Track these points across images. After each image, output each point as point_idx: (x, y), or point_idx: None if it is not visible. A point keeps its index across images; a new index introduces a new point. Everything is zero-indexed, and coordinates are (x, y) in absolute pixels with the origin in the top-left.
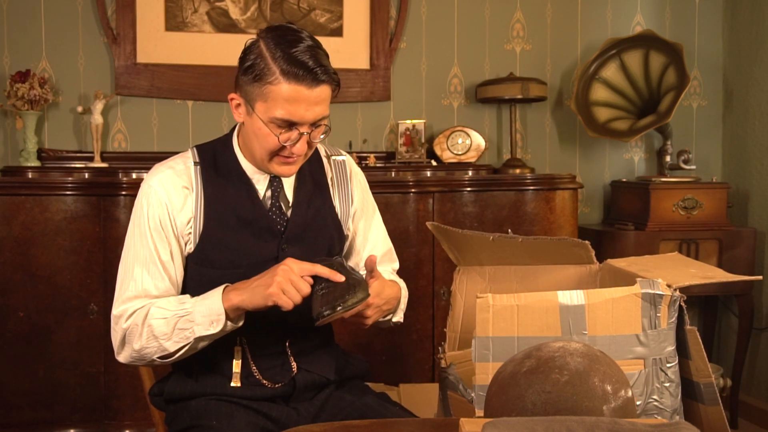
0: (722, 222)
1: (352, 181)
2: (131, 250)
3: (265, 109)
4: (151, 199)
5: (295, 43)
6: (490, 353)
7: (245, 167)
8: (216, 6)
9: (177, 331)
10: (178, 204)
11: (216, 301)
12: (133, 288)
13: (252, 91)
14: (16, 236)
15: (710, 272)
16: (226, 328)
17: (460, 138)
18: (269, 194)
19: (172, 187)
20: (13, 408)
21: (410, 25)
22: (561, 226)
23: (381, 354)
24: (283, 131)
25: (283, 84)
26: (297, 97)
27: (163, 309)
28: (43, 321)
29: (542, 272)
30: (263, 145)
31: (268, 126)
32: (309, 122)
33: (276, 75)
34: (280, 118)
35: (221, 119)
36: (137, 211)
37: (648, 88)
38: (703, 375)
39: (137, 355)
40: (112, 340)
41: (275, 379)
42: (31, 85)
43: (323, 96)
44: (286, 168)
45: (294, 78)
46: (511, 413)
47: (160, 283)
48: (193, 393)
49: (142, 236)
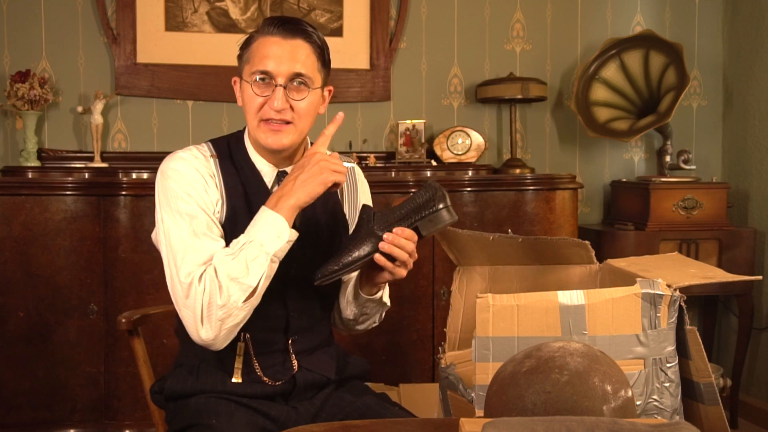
0: (722, 222)
1: (360, 190)
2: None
3: (248, 69)
4: (184, 180)
5: (281, 17)
6: (490, 353)
7: (255, 159)
8: (216, 6)
9: (251, 263)
10: (207, 184)
11: (271, 216)
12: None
13: (242, 62)
14: (16, 236)
15: (710, 272)
16: (292, 237)
17: (460, 138)
18: (276, 188)
19: (199, 172)
20: (13, 408)
21: (410, 25)
22: (561, 226)
23: (381, 354)
24: (262, 85)
25: (260, 39)
26: (271, 48)
27: (225, 255)
28: (43, 321)
29: (542, 272)
30: (249, 110)
31: (251, 86)
32: (284, 74)
33: (255, 36)
34: (257, 70)
35: (221, 119)
36: (169, 194)
37: (648, 88)
38: (703, 375)
39: (224, 313)
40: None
41: (276, 377)
42: (31, 85)
43: (300, 52)
44: (273, 137)
45: (268, 32)
46: (511, 413)
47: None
48: (193, 390)
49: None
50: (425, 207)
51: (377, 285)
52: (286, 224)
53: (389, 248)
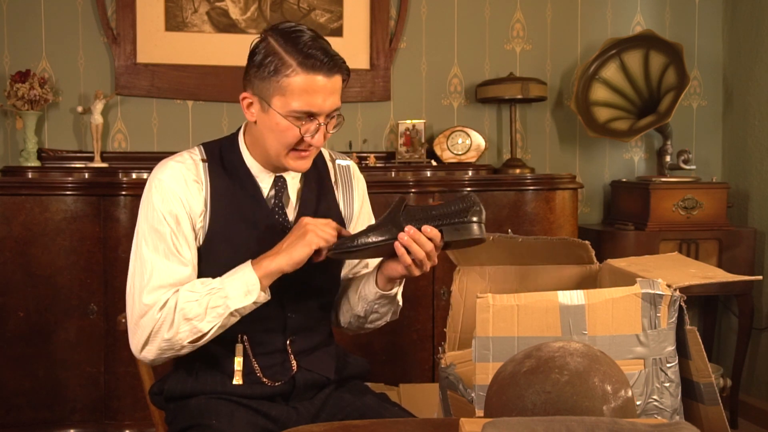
0: (722, 222)
1: (355, 187)
2: (147, 245)
3: (284, 102)
4: (165, 194)
5: (300, 34)
6: (490, 353)
7: (250, 166)
8: (216, 6)
9: (210, 310)
10: (191, 196)
11: (248, 273)
12: (158, 278)
13: (267, 87)
14: (16, 236)
15: (710, 272)
16: (259, 299)
17: (460, 138)
18: (273, 194)
19: (184, 181)
20: (13, 408)
21: (410, 25)
22: (561, 226)
23: (381, 354)
24: (303, 123)
25: (301, 75)
26: (315, 87)
27: (192, 292)
28: (43, 321)
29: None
30: (281, 141)
31: (287, 119)
32: (326, 112)
33: (293, 67)
34: (300, 110)
35: (221, 119)
36: (149, 207)
37: (648, 88)
38: (703, 375)
39: (167, 345)
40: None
41: (275, 378)
42: (31, 85)
43: (337, 86)
44: (301, 162)
45: (311, 68)
46: (511, 413)
47: (184, 270)
48: (193, 391)
49: (158, 231)
50: (457, 215)
51: (392, 279)
52: (258, 286)
53: (407, 241)
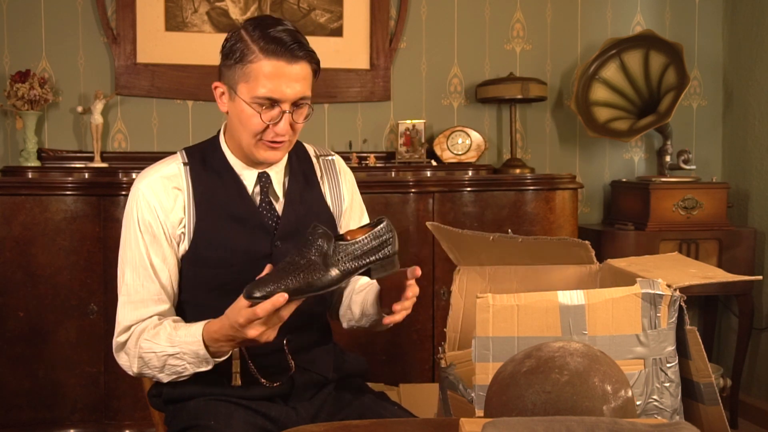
0: (722, 222)
1: (342, 180)
2: (124, 253)
3: (248, 89)
4: (140, 203)
5: (274, 24)
6: (490, 353)
7: (233, 163)
8: (216, 6)
9: (168, 367)
10: (168, 205)
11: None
12: (125, 292)
13: (234, 74)
14: (16, 236)
15: (710, 272)
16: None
17: (460, 138)
18: (258, 190)
19: (162, 189)
20: (13, 408)
21: (410, 25)
22: (561, 226)
23: (381, 354)
24: (266, 110)
25: (263, 61)
26: (277, 73)
27: (152, 343)
28: (43, 321)
29: (542, 272)
30: (247, 128)
31: (251, 107)
32: (290, 99)
33: (256, 53)
34: (262, 96)
35: (221, 119)
36: (127, 215)
37: (648, 88)
38: (703, 375)
39: (138, 371)
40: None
41: (273, 378)
42: (31, 85)
43: (303, 74)
44: (271, 153)
45: (273, 54)
46: (511, 413)
47: (150, 285)
48: (191, 394)
49: (133, 240)
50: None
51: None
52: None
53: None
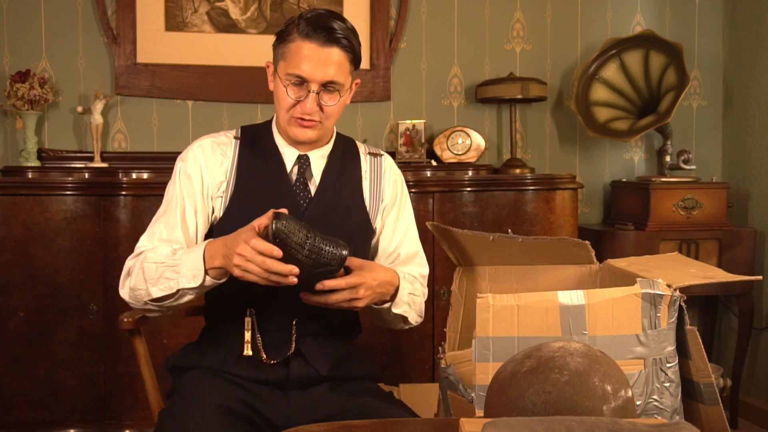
0: (722, 222)
1: (386, 178)
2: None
3: (284, 66)
4: (188, 161)
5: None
6: (490, 353)
7: (279, 144)
8: (216, 6)
9: (163, 280)
10: (214, 165)
11: (198, 258)
12: (150, 231)
13: (277, 53)
14: (16, 236)
15: (710, 272)
16: (206, 284)
17: (460, 138)
18: (296, 170)
19: (210, 151)
20: (13, 408)
21: (410, 25)
22: (561, 226)
23: (381, 354)
24: (295, 87)
25: (299, 41)
26: (308, 54)
27: (157, 254)
28: (43, 321)
29: (542, 272)
30: (281, 104)
31: (284, 83)
32: (318, 80)
33: (294, 34)
34: (293, 74)
35: (221, 119)
36: (175, 170)
37: (648, 88)
38: (703, 375)
39: (132, 294)
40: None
41: (273, 356)
42: (31, 85)
43: (335, 59)
44: (301, 131)
45: (306, 36)
46: (511, 413)
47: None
48: (194, 364)
49: (173, 187)
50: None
51: None
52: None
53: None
